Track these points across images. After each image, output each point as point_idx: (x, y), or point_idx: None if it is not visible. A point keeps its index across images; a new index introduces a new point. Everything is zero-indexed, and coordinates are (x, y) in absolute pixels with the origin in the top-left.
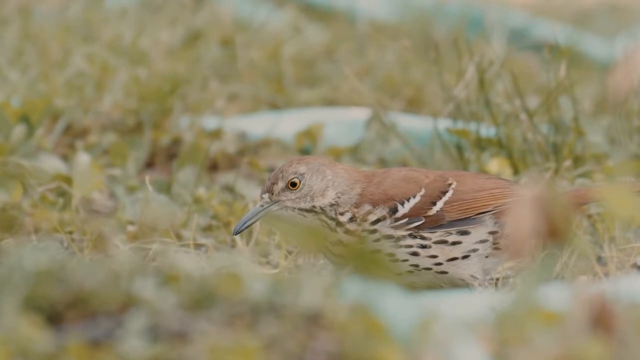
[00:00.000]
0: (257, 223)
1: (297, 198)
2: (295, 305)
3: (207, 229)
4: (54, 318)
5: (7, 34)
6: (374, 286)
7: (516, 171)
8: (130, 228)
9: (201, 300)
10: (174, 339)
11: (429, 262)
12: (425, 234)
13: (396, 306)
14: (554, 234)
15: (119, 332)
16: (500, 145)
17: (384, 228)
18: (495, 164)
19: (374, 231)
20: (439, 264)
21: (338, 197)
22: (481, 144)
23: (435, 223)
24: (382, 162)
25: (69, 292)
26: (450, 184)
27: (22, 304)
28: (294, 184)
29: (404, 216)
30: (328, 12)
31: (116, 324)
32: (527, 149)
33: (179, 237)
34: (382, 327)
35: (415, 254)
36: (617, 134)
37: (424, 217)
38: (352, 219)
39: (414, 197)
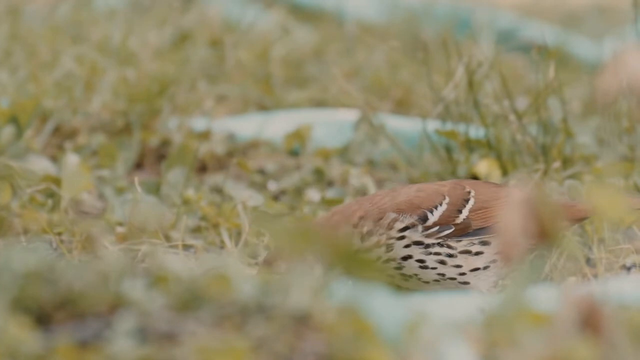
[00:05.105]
0: (246, 224)
1: None
2: (284, 306)
3: (196, 230)
4: (42, 319)
5: None
6: (362, 287)
7: (505, 172)
8: (119, 229)
9: (190, 301)
10: (162, 340)
11: (454, 272)
12: (452, 243)
13: (385, 307)
14: (543, 235)
15: (108, 333)
16: (489, 147)
17: (414, 234)
18: (484, 165)
19: (402, 237)
20: (463, 274)
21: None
22: (470, 145)
23: (462, 231)
24: (371, 164)
25: (58, 293)
26: (469, 192)
27: (11, 305)
28: None
29: (434, 224)
30: (316, 13)
31: (105, 324)
32: (516, 150)
33: (167, 238)
34: (371, 328)
35: (443, 262)
36: (606, 135)
37: (453, 225)
38: (370, 232)
39: (441, 204)
